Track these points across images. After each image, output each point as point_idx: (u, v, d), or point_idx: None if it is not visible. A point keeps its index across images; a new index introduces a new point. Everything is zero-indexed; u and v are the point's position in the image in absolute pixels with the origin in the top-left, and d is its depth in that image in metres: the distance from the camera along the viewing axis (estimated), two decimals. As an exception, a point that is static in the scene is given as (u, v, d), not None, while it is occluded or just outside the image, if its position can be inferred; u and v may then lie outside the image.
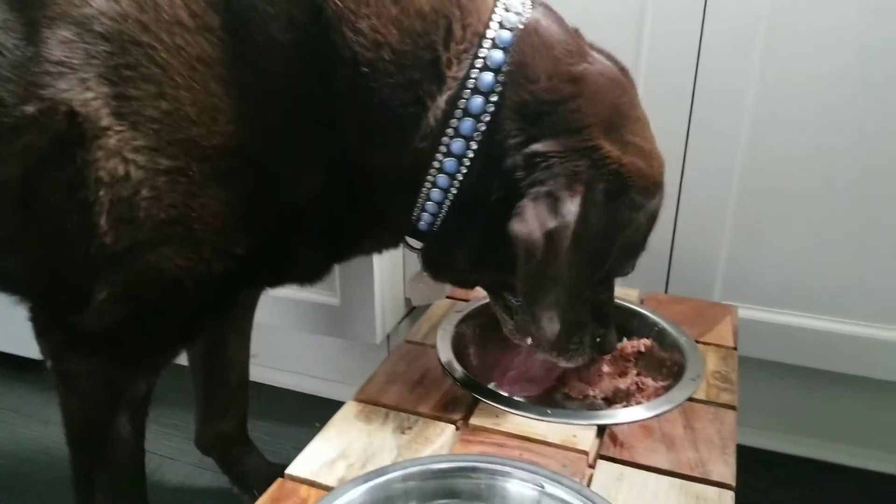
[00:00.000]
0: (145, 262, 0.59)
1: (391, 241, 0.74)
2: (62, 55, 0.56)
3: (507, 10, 0.61)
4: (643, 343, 0.84)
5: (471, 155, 0.61)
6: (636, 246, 0.69)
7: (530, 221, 0.58)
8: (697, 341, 0.86)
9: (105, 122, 0.56)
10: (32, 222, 0.60)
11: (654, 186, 0.64)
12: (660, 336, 0.86)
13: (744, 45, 0.94)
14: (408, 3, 0.58)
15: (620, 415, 0.73)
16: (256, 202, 0.61)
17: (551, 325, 0.62)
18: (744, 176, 0.99)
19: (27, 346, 0.69)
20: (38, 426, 1.18)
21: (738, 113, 0.96)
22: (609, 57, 0.66)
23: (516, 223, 0.59)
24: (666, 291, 1.06)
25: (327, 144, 0.61)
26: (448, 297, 0.96)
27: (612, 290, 0.74)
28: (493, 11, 0.61)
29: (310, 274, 0.73)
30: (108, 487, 0.73)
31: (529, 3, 0.63)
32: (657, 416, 0.73)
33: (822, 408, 1.08)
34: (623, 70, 0.66)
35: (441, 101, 0.60)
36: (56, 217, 0.59)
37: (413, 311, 1.20)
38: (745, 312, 1.00)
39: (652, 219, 0.68)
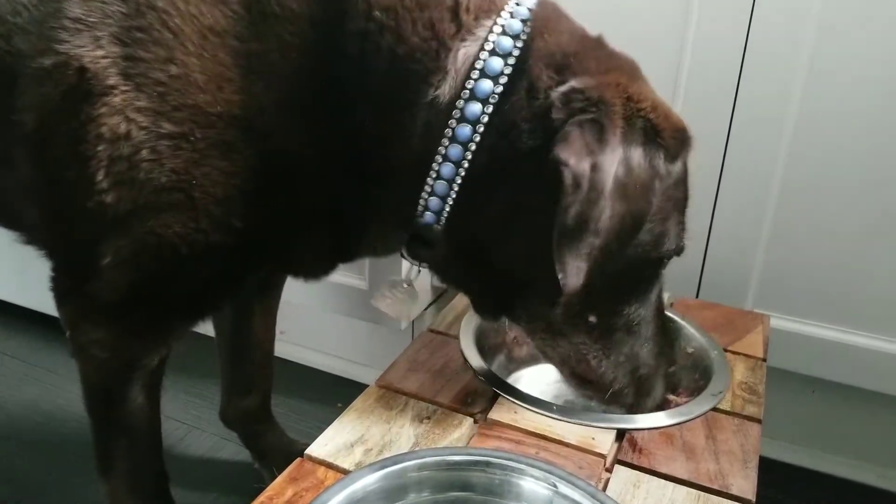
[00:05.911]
0: (147, 228, 0.60)
1: (398, 234, 0.69)
2: (80, 12, 0.58)
3: None
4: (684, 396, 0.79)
5: (485, 119, 0.58)
6: (676, 204, 0.63)
7: (575, 145, 0.54)
8: (726, 350, 0.84)
9: (112, 80, 0.57)
10: (43, 170, 0.62)
11: (681, 134, 0.60)
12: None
13: (791, 48, 0.90)
14: None
15: (641, 420, 0.72)
16: (258, 175, 0.60)
17: (576, 278, 0.56)
18: (784, 180, 0.96)
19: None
20: (73, 387, 1.21)
21: (782, 115, 0.93)
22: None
23: (562, 149, 0.54)
24: (697, 296, 1.04)
25: (337, 117, 0.60)
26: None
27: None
28: None
29: (311, 266, 0.72)
30: (125, 453, 0.75)
31: None
32: (679, 424, 0.72)
33: (855, 426, 1.05)
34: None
35: (460, 53, 0.58)
36: (58, 168, 0.61)
37: (438, 300, 1.20)
38: (778, 322, 0.97)
39: (683, 180, 0.63)
